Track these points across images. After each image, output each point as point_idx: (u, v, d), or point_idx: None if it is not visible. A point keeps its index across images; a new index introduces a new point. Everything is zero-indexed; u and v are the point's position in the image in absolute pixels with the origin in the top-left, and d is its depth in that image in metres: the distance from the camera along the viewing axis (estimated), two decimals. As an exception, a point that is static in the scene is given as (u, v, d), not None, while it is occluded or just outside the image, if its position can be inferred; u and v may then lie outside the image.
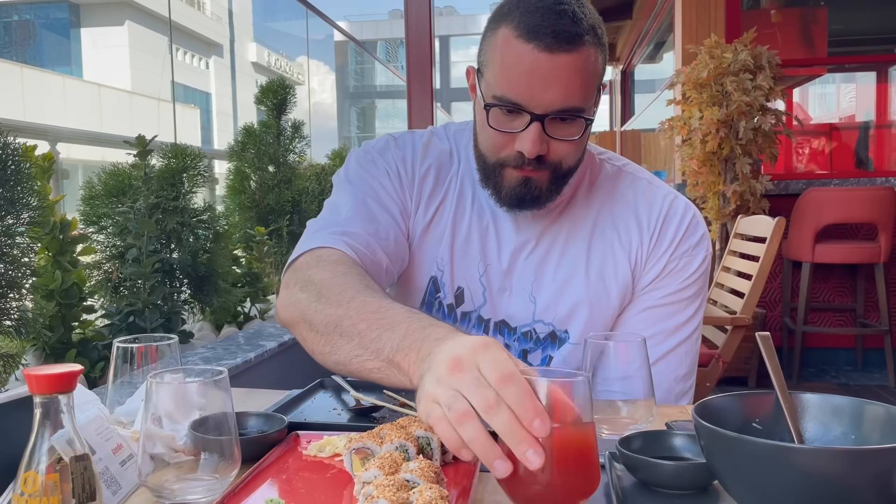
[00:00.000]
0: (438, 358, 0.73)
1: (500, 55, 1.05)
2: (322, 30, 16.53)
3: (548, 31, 1.00)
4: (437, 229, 1.22)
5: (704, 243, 1.22)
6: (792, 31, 5.89)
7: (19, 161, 1.38)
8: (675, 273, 1.20)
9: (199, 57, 25.96)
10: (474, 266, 1.21)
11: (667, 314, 1.20)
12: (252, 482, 0.80)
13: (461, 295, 1.21)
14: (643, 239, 1.20)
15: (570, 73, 1.02)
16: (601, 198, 1.23)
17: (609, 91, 11.60)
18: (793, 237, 4.05)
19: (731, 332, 2.59)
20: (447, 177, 1.24)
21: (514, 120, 1.06)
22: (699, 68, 3.85)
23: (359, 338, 0.91)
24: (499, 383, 0.66)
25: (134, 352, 0.91)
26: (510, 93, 1.04)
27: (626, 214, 1.21)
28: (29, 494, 0.60)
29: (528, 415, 0.64)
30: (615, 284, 1.19)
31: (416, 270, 1.23)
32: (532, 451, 0.63)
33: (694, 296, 1.21)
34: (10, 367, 1.42)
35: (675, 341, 1.19)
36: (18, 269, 1.39)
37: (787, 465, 0.62)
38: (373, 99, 25.64)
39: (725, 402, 0.77)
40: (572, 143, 1.08)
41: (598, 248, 1.20)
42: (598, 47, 1.06)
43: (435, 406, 0.69)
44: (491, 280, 1.20)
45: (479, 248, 1.21)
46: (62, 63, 23.96)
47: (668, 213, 1.21)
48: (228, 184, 2.95)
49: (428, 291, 1.23)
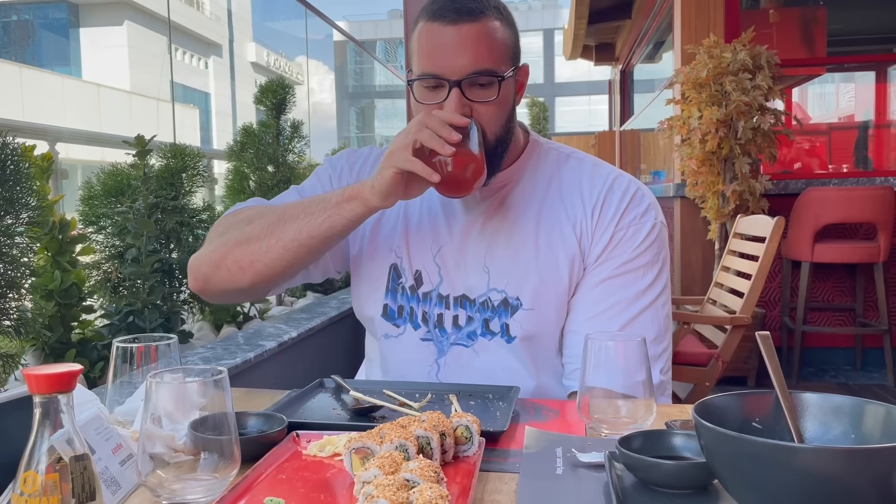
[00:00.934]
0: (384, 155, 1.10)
1: (417, 43, 1.19)
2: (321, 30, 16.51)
3: (451, 9, 1.15)
4: (389, 222, 1.33)
5: (651, 213, 1.26)
6: (791, 31, 5.90)
7: (18, 161, 1.38)
8: (624, 242, 1.24)
9: (199, 57, 25.95)
10: (427, 248, 1.29)
11: (624, 283, 1.22)
12: (252, 482, 0.80)
13: (419, 277, 1.29)
14: (587, 212, 1.26)
15: (476, 38, 1.15)
16: (548, 178, 1.30)
17: (608, 91, 11.60)
18: (792, 237, 4.05)
19: (731, 332, 2.59)
20: None
21: (438, 92, 1.17)
22: (698, 68, 3.85)
23: (303, 213, 1.16)
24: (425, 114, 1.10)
25: (133, 352, 0.91)
26: (428, 67, 1.17)
27: (572, 191, 1.28)
28: (29, 494, 0.60)
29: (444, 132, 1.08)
30: (563, 253, 1.24)
31: (376, 261, 1.32)
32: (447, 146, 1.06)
33: (650, 263, 1.24)
34: (10, 367, 1.41)
35: (638, 308, 1.22)
36: (18, 269, 1.39)
37: (788, 464, 0.62)
38: (372, 99, 25.63)
39: (725, 401, 0.77)
40: (493, 105, 1.17)
41: (545, 221, 1.26)
42: (502, 21, 1.18)
43: (397, 141, 1.10)
44: (445, 259, 1.28)
45: (430, 233, 1.30)
46: (61, 63, 23.94)
47: (611, 187, 1.27)
48: (227, 184, 2.95)
49: (390, 278, 1.31)
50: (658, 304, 1.23)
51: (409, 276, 1.29)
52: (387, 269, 1.31)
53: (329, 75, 19.04)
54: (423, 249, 1.29)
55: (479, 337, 1.26)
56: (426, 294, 1.28)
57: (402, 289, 1.30)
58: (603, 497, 0.76)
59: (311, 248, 1.17)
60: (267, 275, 1.20)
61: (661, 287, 1.25)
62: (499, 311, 1.25)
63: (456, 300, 1.27)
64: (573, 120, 33.03)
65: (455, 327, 1.27)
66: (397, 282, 1.30)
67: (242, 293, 1.30)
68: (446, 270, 1.28)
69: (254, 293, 1.31)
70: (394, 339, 1.30)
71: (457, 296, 1.27)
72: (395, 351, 1.30)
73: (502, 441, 0.94)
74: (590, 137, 12.03)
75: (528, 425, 0.97)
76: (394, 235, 1.32)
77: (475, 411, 1.04)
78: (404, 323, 1.29)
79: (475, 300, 1.26)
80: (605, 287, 1.23)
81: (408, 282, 1.29)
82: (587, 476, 0.81)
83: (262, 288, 1.26)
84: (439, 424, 0.84)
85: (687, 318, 2.91)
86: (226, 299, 1.35)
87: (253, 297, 1.74)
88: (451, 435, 0.85)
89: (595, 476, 0.81)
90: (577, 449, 0.86)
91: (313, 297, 3.18)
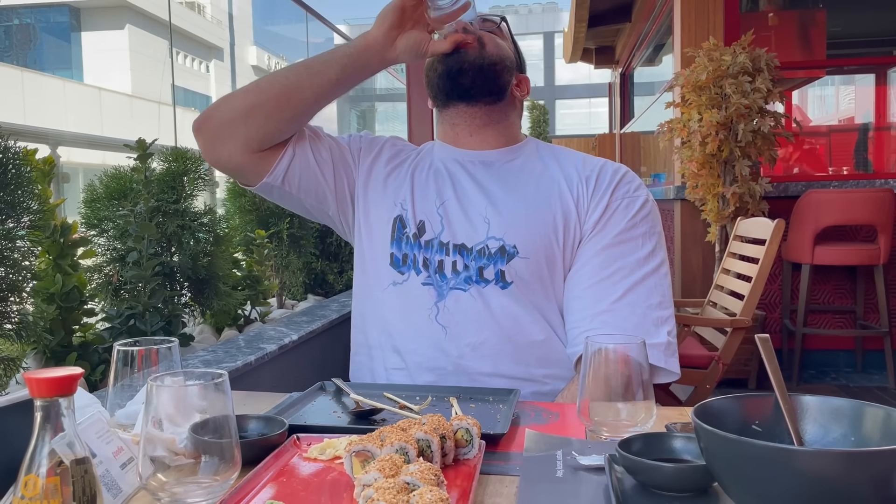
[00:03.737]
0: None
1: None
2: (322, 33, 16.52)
3: None
4: (397, 179, 1.42)
5: (642, 190, 1.36)
6: (790, 34, 5.90)
7: (20, 165, 1.38)
8: (619, 212, 1.32)
9: (200, 60, 25.97)
10: (431, 202, 1.38)
11: (625, 251, 1.29)
12: (252, 485, 0.80)
13: (422, 226, 1.36)
14: (582, 181, 1.36)
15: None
16: (546, 158, 1.42)
17: (608, 94, 11.61)
18: (792, 239, 4.05)
19: (731, 334, 2.59)
20: (407, 152, 1.49)
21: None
22: (698, 71, 3.86)
23: (324, 61, 1.31)
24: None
25: (134, 355, 0.91)
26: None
27: (568, 168, 1.39)
28: (29, 498, 0.60)
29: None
30: (559, 208, 1.33)
31: (383, 213, 1.40)
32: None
33: (647, 234, 1.31)
34: (11, 371, 1.42)
35: (641, 274, 1.27)
36: (19, 273, 1.39)
37: (787, 466, 0.62)
38: (373, 102, 25.62)
39: (725, 404, 0.77)
40: (496, 39, 1.39)
41: (544, 183, 1.37)
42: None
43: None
44: (448, 211, 1.36)
45: (434, 189, 1.39)
46: (62, 67, 23.96)
47: (603, 167, 1.38)
48: (229, 187, 2.95)
49: (396, 228, 1.38)
50: (660, 272, 1.29)
51: (412, 226, 1.37)
52: (392, 220, 1.38)
53: (330, 78, 19.01)
54: (428, 202, 1.38)
55: (474, 283, 1.32)
56: (428, 242, 1.35)
57: (406, 238, 1.37)
58: (603, 500, 0.76)
59: (328, 83, 1.31)
60: (307, 98, 1.32)
61: (661, 258, 1.31)
62: (495, 258, 1.32)
63: (455, 247, 1.34)
64: (573, 123, 33.01)
65: (454, 272, 1.33)
66: (402, 231, 1.37)
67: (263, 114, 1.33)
68: (448, 220, 1.36)
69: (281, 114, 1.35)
70: (399, 286, 1.36)
71: (456, 244, 1.34)
72: (398, 297, 1.35)
73: (502, 444, 0.94)
74: (590, 140, 12.05)
75: (528, 428, 0.98)
76: (400, 191, 1.40)
77: (475, 414, 1.04)
78: (408, 270, 1.36)
79: (472, 248, 1.33)
80: (606, 254, 1.29)
81: (411, 231, 1.37)
82: (587, 479, 0.81)
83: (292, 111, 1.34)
84: (439, 427, 0.84)
85: (687, 321, 2.91)
86: (231, 130, 1.33)
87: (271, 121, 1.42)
88: (451, 438, 0.85)
89: (595, 479, 0.81)
90: (577, 452, 0.86)
91: (314, 300, 3.18)
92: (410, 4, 1.26)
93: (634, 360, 0.88)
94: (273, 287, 2.81)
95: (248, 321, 2.60)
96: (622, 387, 0.88)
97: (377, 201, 1.42)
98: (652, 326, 1.24)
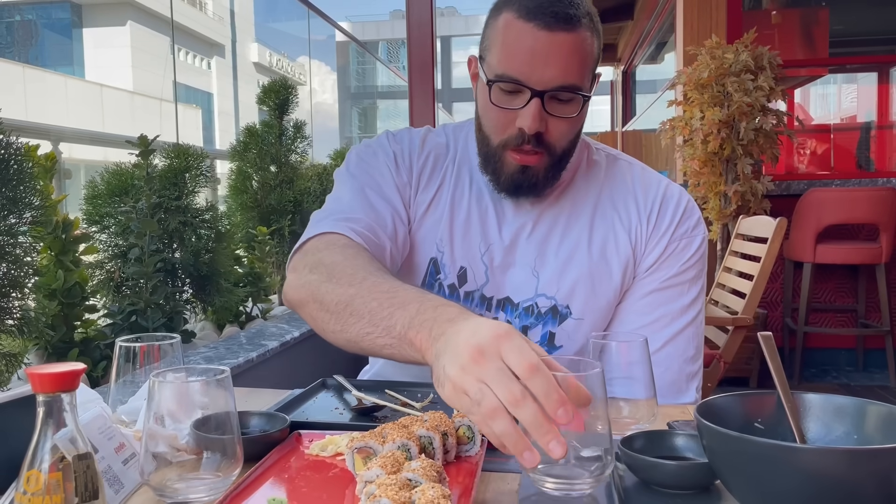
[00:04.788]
0: (458, 343, 0.74)
1: (501, 37, 1.09)
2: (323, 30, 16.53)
3: (547, 12, 1.06)
4: (436, 212, 1.25)
5: (701, 226, 1.26)
6: (793, 32, 5.89)
7: (22, 161, 1.38)
8: (676, 254, 1.22)
9: (201, 57, 25.97)
10: (476, 245, 1.23)
11: (670, 297, 1.21)
12: (254, 481, 0.80)
13: (464, 275, 1.23)
14: (641, 219, 1.23)
15: (569, 50, 1.07)
16: (599, 181, 1.26)
17: (610, 92, 11.60)
18: (794, 238, 4.05)
19: (733, 333, 2.59)
20: (444, 163, 1.28)
21: (515, 98, 1.10)
22: (700, 69, 3.85)
23: (370, 316, 0.93)
24: (525, 375, 0.69)
25: (136, 351, 0.91)
26: (511, 70, 1.08)
27: (625, 196, 1.25)
28: (32, 493, 0.60)
29: (553, 406, 0.67)
30: (617, 260, 1.21)
31: (416, 253, 1.25)
32: (555, 442, 0.66)
33: (695, 278, 1.23)
34: (13, 367, 1.42)
35: (682, 324, 1.21)
36: (21, 269, 1.39)
37: (790, 464, 0.62)
38: (374, 99, 25.64)
39: (727, 402, 0.77)
40: (570, 121, 1.12)
41: (599, 227, 1.23)
42: (593, 33, 1.11)
43: (463, 397, 0.72)
44: (493, 258, 1.22)
45: (479, 229, 1.23)
46: (64, 63, 23.96)
47: (665, 196, 1.25)
48: (230, 184, 2.95)
49: (428, 273, 1.24)
50: (698, 320, 1.23)
51: (450, 273, 1.23)
52: (426, 262, 1.24)
53: (331, 76, 19.04)
54: (471, 246, 1.23)
55: None
56: (469, 293, 1.22)
57: (439, 285, 1.23)
58: (605, 497, 0.76)
59: (370, 353, 0.97)
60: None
61: (701, 305, 1.24)
62: (545, 318, 1.21)
63: (499, 303, 1.22)
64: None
65: None
66: (435, 277, 1.24)
67: None
68: (492, 271, 1.22)
69: None
70: None
71: (500, 298, 1.22)
72: None
73: (504, 441, 0.94)
74: (592, 138, 12.02)
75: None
76: (438, 227, 1.24)
77: (477, 411, 1.04)
78: None
79: (518, 304, 1.21)
80: (651, 299, 1.21)
81: (447, 279, 1.23)
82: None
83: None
84: (441, 424, 0.84)
85: (689, 319, 2.90)
86: None
87: None
88: (452, 435, 0.85)
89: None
90: (578, 444, 0.86)
91: (315, 297, 3.18)
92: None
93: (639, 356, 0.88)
94: (275, 284, 2.81)
95: (249, 318, 2.61)
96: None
97: (417, 235, 1.25)
98: (684, 383, 1.21)
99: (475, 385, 0.71)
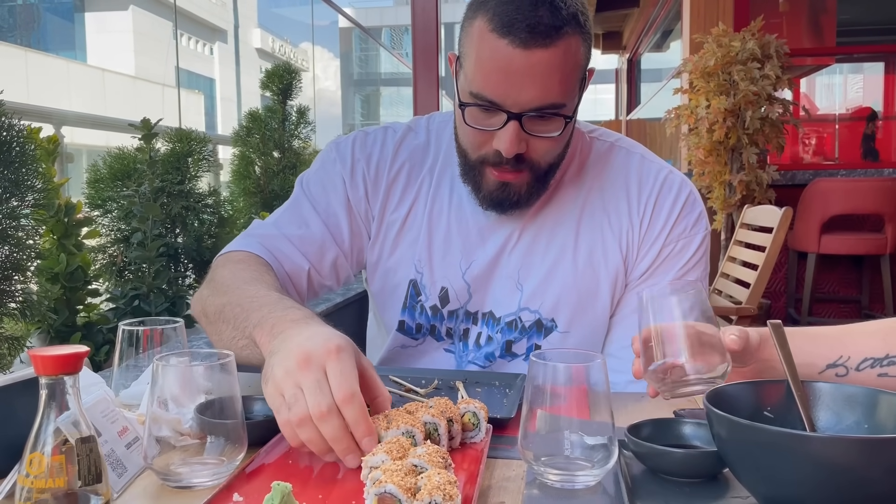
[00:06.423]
0: (291, 346, 0.79)
1: (475, 50, 1.00)
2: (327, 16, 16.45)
3: (522, 26, 0.95)
4: (412, 231, 1.18)
5: (702, 222, 1.17)
6: (800, 21, 5.85)
7: (24, 143, 1.37)
8: (672, 258, 1.14)
9: (204, 42, 25.87)
10: (456, 263, 1.17)
11: None
12: (258, 466, 0.79)
13: (445, 295, 1.18)
14: (633, 222, 1.15)
15: (548, 69, 0.97)
16: (591, 179, 1.17)
17: (615, 80, 11.54)
18: (798, 228, 4.03)
19: (737, 323, 2.58)
20: (419, 175, 1.20)
21: (492, 117, 1.02)
22: (706, 57, 3.82)
23: (234, 321, 0.97)
24: (340, 402, 0.74)
25: (139, 335, 0.90)
26: (486, 90, 0.99)
27: (618, 194, 1.16)
28: (34, 476, 0.60)
29: (359, 435, 0.75)
30: (605, 273, 1.14)
31: (394, 275, 1.20)
32: (351, 456, 0.75)
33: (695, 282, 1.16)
34: (15, 350, 1.41)
35: None
36: (23, 252, 1.38)
37: (799, 453, 0.61)
38: (377, 86, 25.54)
39: (737, 389, 0.76)
40: (552, 139, 1.04)
41: (586, 234, 1.15)
42: (580, 36, 1.00)
43: (279, 397, 0.77)
44: (475, 275, 1.16)
45: (460, 246, 1.17)
46: (66, 47, 23.89)
47: (662, 190, 1.15)
48: (233, 169, 2.94)
49: (408, 296, 1.19)
50: None
51: (431, 295, 1.18)
52: (405, 283, 1.19)
53: (334, 62, 18.98)
54: (451, 264, 1.16)
55: (498, 359, 1.17)
56: (452, 312, 1.18)
57: (420, 307, 1.18)
58: (612, 485, 0.75)
59: (240, 360, 0.88)
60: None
61: None
62: (529, 332, 1.16)
63: (483, 316, 1.18)
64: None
65: (476, 345, 1.19)
66: (416, 299, 1.18)
67: None
68: (475, 288, 1.17)
69: None
70: (413, 348, 1.22)
71: (485, 312, 1.18)
72: (412, 358, 1.23)
73: (510, 428, 0.93)
74: (596, 126, 11.96)
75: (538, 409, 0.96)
76: (415, 247, 1.18)
77: (482, 398, 1.03)
78: (423, 336, 1.21)
79: (500, 318, 1.17)
80: None
81: (429, 301, 1.18)
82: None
83: None
84: (447, 410, 0.84)
85: (692, 308, 2.90)
86: None
87: None
88: (458, 421, 0.85)
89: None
90: (584, 432, 0.86)
91: (318, 283, 3.18)
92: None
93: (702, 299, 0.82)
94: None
95: (252, 304, 2.60)
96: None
97: (393, 255, 1.19)
98: None
99: (292, 390, 0.75)
